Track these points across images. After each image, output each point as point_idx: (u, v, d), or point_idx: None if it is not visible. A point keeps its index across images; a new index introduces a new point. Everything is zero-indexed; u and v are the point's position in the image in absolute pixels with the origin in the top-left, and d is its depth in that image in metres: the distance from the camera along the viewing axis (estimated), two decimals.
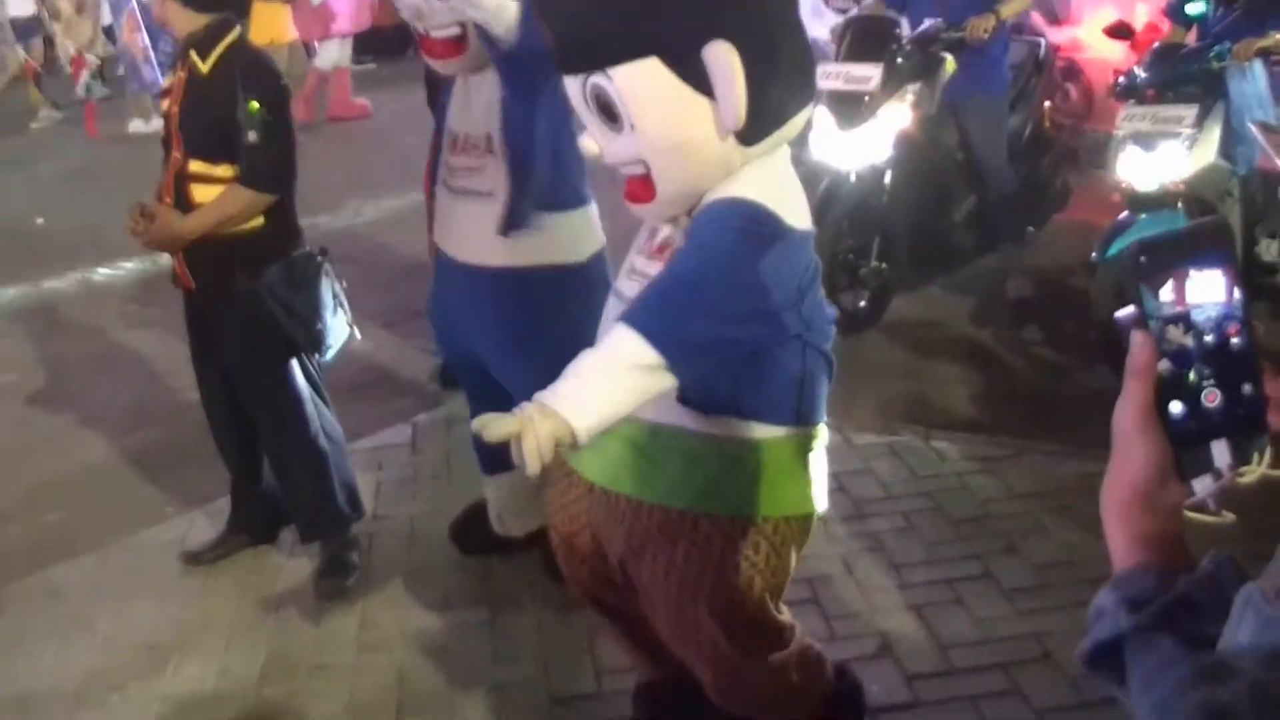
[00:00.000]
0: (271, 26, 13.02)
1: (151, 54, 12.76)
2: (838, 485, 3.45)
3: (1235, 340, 1.23)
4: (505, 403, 3.00)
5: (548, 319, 4.18)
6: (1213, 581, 1.20)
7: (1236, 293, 1.23)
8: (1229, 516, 1.29)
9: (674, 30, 2.81)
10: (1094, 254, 5.87)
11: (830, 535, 4.36)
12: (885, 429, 5.62)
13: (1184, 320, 1.23)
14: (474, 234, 4.26)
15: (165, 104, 4.59)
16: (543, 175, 4.02)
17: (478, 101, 4.27)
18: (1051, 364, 6.30)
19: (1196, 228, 1.30)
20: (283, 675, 4.34)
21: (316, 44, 14.00)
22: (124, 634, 4.65)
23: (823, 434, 3.29)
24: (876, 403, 5.81)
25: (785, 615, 3.46)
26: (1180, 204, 5.78)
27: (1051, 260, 7.43)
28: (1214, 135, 5.88)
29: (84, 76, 15.11)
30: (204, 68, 4.41)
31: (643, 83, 2.86)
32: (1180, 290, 1.22)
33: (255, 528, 5.08)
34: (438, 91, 4.87)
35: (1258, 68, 6.06)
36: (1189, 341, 1.22)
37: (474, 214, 4.23)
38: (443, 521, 5.09)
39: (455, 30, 4.15)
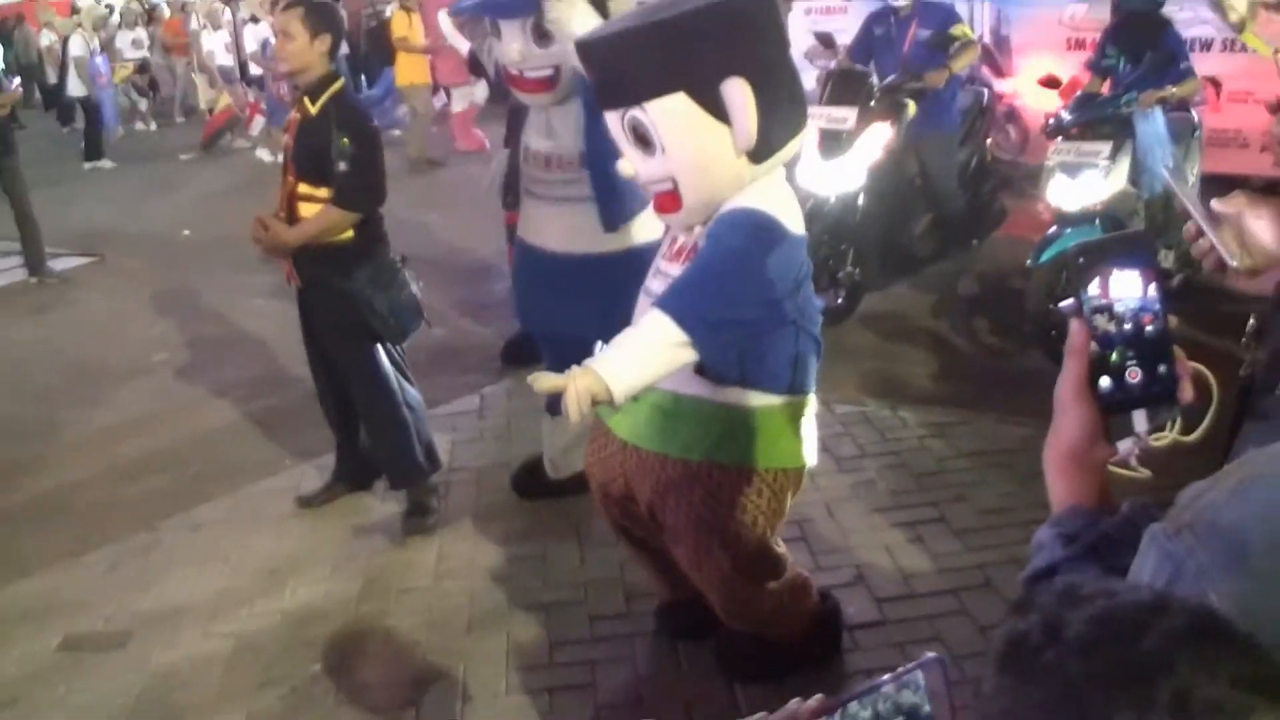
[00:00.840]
0: (412, 71, 13.02)
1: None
2: (822, 446, 3.41)
3: (1150, 327, 1.22)
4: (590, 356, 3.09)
5: (621, 290, 4.23)
6: (1130, 522, 1.20)
7: (1152, 289, 1.21)
8: (1145, 472, 1.33)
9: (698, 69, 2.83)
10: (1029, 260, 5.80)
11: (815, 486, 4.32)
12: (860, 401, 5.59)
13: (1108, 310, 1.22)
14: (570, 230, 4.42)
15: (285, 138, 4.58)
16: (622, 183, 4.04)
17: (564, 127, 4.37)
18: (993, 348, 6.25)
19: (1123, 236, 1.32)
20: (376, 596, 4.32)
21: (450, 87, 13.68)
22: (250, 561, 4.64)
23: (813, 402, 3.29)
24: (853, 380, 5.76)
25: (781, 548, 3.46)
26: (1098, 220, 5.73)
27: (992, 265, 7.36)
28: (1124, 166, 5.84)
29: (258, 120, 14.90)
30: (313, 110, 4.40)
31: (673, 113, 2.87)
32: (1105, 285, 1.22)
33: (354, 478, 5.05)
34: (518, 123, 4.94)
35: (1158, 114, 6.12)
36: (1112, 328, 1.22)
37: (572, 214, 4.39)
38: (505, 474, 5.08)
39: (549, 71, 4.23)
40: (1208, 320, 6.09)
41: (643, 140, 2.95)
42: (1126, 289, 1.21)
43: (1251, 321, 1.64)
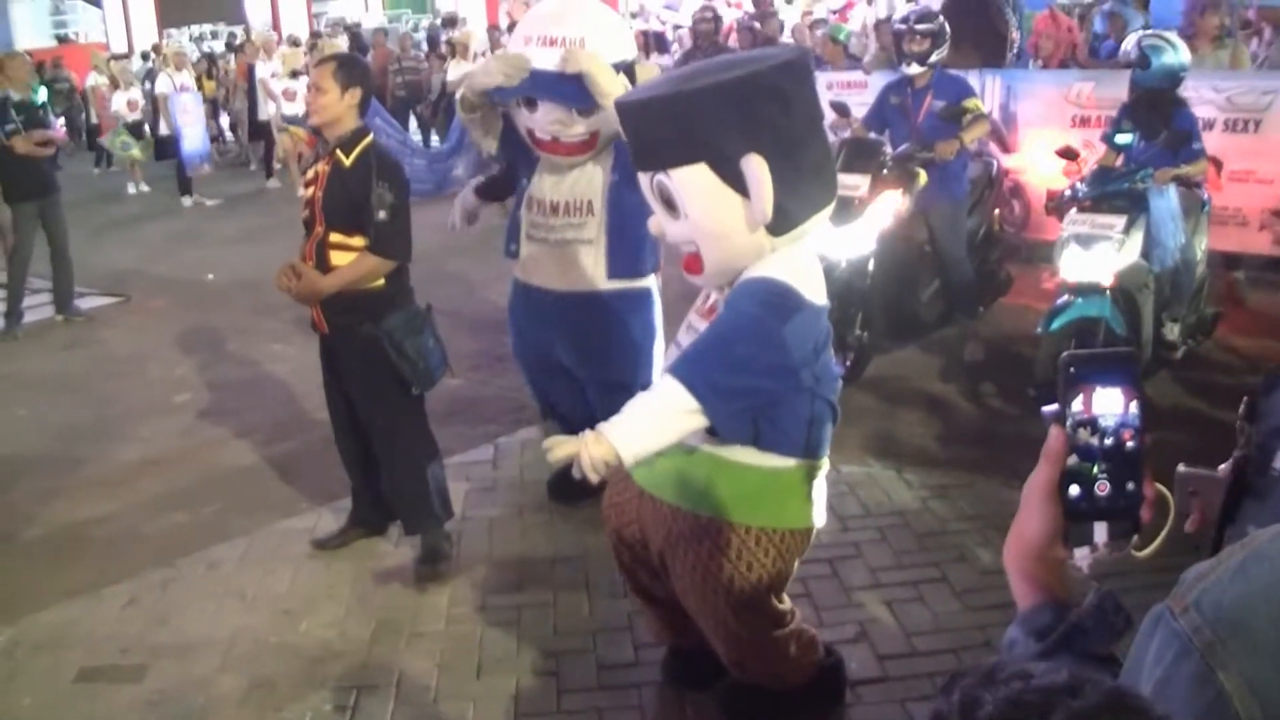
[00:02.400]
0: None
1: None
2: (827, 506, 3.43)
3: (1130, 444, 1.25)
4: (577, 391, 3.22)
5: (614, 325, 4.76)
6: (1099, 610, 1.24)
7: (1133, 406, 1.25)
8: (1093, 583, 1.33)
9: (720, 143, 2.85)
10: (1039, 328, 5.88)
11: (820, 543, 4.31)
12: (865, 462, 5.61)
13: (1091, 424, 1.26)
14: (570, 269, 4.77)
15: (310, 190, 4.62)
16: (636, 236, 4.23)
17: (583, 179, 4.71)
18: (997, 412, 6.26)
19: (1113, 352, 1.34)
20: (388, 638, 4.34)
21: None
22: (265, 600, 4.67)
23: (825, 465, 3.30)
24: (859, 441, 5.78)
25: (786, 604, 3.47)
26: (1107, 292, 5.78)
27: (998, 332, 7.40)
28: (1138, 239, 5.88)
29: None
30: (347, 162, 4.46)
31: (694, 183, 2.91)
32: (1089, 400, 1.25)
33: (370, 522, 5.08)
34: (514, 176, 5.15)
35: (1171, 190, 6.19)
36: (1094, 441, 1.25)
37: (576, 256, 4.74)
38: (517, 523, 5.14)
39: (587, 136, 4.42)
40: (1208, 392, 6.18)
41: (669, 203, 3.01)
42: (1109, 405, 1.25)
43: (1245, 401, 1.67)
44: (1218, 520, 1.62)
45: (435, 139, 16.16)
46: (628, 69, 4.54)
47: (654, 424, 2.90)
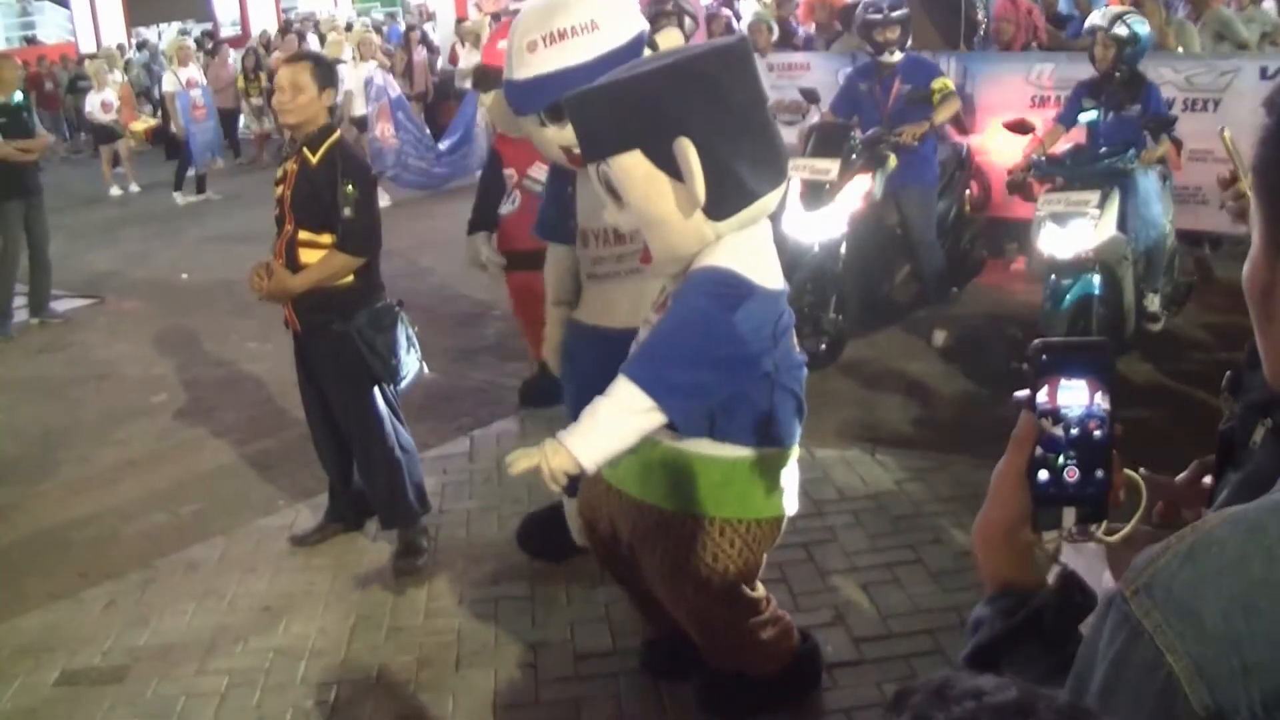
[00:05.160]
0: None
1: (397, 141, 12.53)
2: (802, 490, 3.44)
3: (1096, 434, 1.26)
4: None
5: None
6: (1063, 592, 1.26)
7: (1099, 397, 1.26)
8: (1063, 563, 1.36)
9: (651, 129, 2.85)
10: (1046, 306, 5.97)
11: (795, 528, 4.34)
12: (840, 445, 5.63)
13: (1054, 415, 1.27)
14: (630, 305, 3.75)
15: (280, 189, 4.63)
16: None
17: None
18: (969, 394, 6.29)
19: (1087, 342, 1.33)
20: (367, 633, 4.35)
21: None
22: (245, 599, 4.68)
23: (792, 454, 3.29)
24: (833, 425, 5.81)
25: (758, 591, 3.48)
26: (1096, 267, 5.85)
27: (971, 313, 7.44)
28: (1113, 213, 5.95)
29: None
30: (314, 160, 4.46)
31: (630, 170, 2.90)
32: (1054, 393, 1.26)
33: (347, 518, 5.09)
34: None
35: (1152, 171, 6.30)
36: (1059, 432, 1.26)
37: (632, 288, 3.80)
38: (494, 516, 5.14)
39: None
40: (1181, 368, 6.23)
41: (614, 193, 3.01)
42: (1075, 397, 1.26)
43: (1228, 375, 1.68)
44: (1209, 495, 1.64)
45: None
46: (649, 42, 4.10)
47: (612, 427, 2.89)
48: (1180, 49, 8.52)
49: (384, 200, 12.97)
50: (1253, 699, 0.91)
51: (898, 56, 7.03)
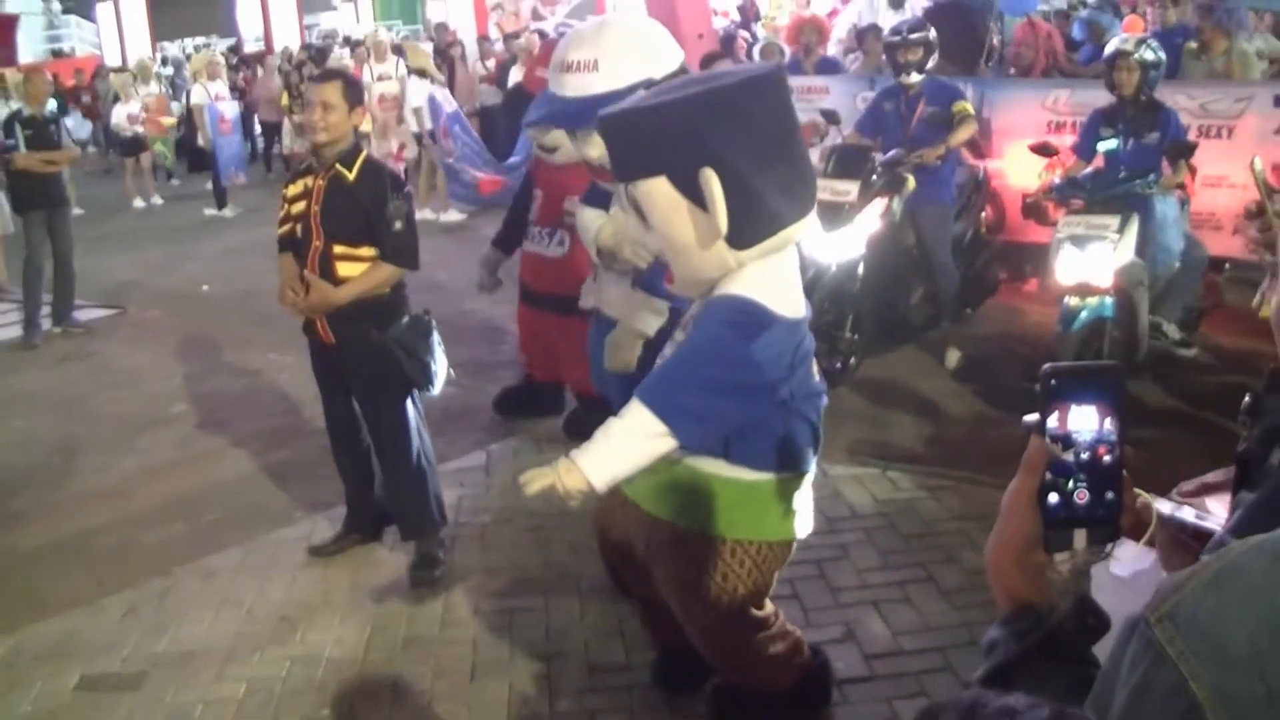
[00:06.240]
0: None
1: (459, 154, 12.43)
2: (814, 507, 3.45)
3: (1106, 458, 1.27)
4: None
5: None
6: (1078, 615, 1.27)
7: (1109, 422, 1.27)
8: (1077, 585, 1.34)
9: (677, 158, 2.86)
10: (1059, 328, 5.98)
11: (807, 544, 4.34)
12: (852, 462, 5.64)
13: (1066, 440, 1.27)
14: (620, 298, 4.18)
15: (299, 206, 4.66)
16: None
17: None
18: (983, 413, 6.29)
19: (1097, 366, 1.33)
20: (383, 643, 4.38)
21: None
22: (263, 607, 4.71)
23: (807, 479, 3.30)
24: (847, 442, 5.81)
25: (767, 609, 3.48)
26: (1112, 293, 5.87)
27: (985, 333, 7.45)
28: (1132, 238, 5.97)
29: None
30: (351, 176, 4.52)
31: (654, 195, 2.92)
32: (1064, 418, 1.27)
33: (365, 529, 5.12)
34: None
35: (1172, 196, 6.31)
36: (1069, 457, 1.27)
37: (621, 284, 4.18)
38: (509, 529, 5.17)
39: None
40: (1194, 392, 6.22)
41: (640, 214, 3.04)
42: (1085, 422, 1.27)
43: (1247, 399, 1.69)
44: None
45: None
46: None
47: (624, 449, 2.92)
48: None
49: (455, 216, 13.02)
50: None
51: (917, 78, 7.07)
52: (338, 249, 4.56)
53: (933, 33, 7.12)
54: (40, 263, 9.15)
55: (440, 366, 4.74)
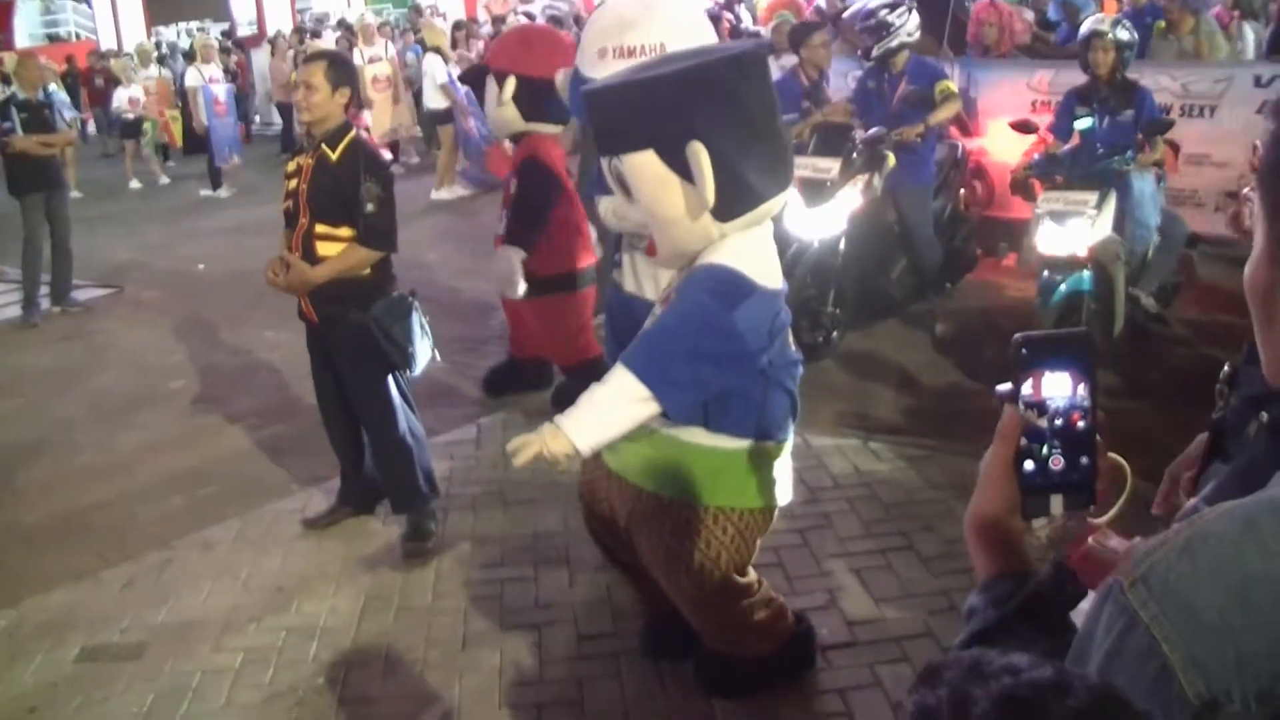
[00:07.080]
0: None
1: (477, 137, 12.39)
2: (797, 477, 3.45)
3: (1080, 424, 1.26)
4: None
5: None
6: (1055, 580, 1.26)
7: (1082, 388, 1.26)
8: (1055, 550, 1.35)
9: (665, 131, 2.86)
10: (1037, 302, 6.02)
11: (790, 514, 4.37)
12: (835, 433, 5.65)
13: (1039, 407, 1.27)
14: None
15: (293, 183, 4.65)
16: None
17: None
18: (961, 385, 6.30)
19: (1068, 334, 1.32)
20: (377, 613, 4.38)
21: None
22: (259, 579, 4.71)
23: (786, 447, 3.31)
24: (829, 414, 5.83)
25: (750, 576, 3.49)
26: (1088, 265, 5.86)
27: (964, 307, 7.45)
28: (1109, 214, 5.97)
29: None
30: (334, 156, 4.49)
31: (642, 168, 2.92)
32: (1038, 385, 1.26)
33: (358, 502, 5.12)
34: None
35: (1149, 173, 6.32)
36: (1043, 423, 1.27)
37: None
38: (499, 500, 5.16)
39: None
40: (1171, 366, 6.24)
41: (624, 187, 3.03)
42: (1058, 389, 1.26)
43: (1226, 368, 1.69)
44: (1194, 479, 1.64)
45: None
46: None
47: (608, 414, 2.93)
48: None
49: (458, 192, 12.95)
50: (1246, 689, 0.92)
51: (902, 56, 7.06)
52: (320, 228, 4.54)
53: (892, 14, 7.08)
54: (39, 244, 9.12)
55: (422, 347, 4.71)
